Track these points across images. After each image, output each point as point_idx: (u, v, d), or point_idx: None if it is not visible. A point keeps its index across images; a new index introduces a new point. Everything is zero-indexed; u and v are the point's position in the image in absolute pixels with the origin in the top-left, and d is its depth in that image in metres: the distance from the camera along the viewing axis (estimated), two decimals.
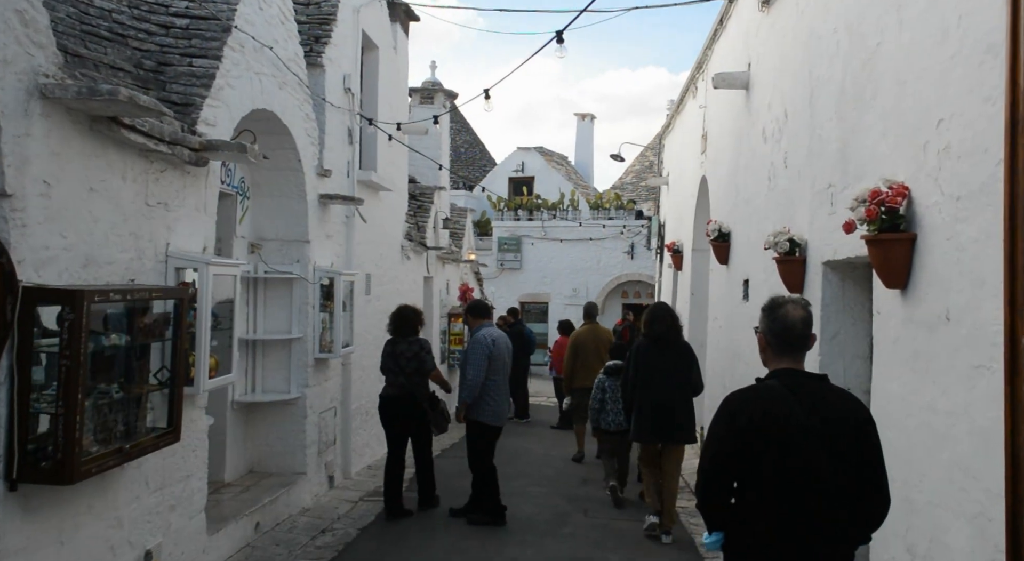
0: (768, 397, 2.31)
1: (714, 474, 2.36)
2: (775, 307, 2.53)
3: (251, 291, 5.90)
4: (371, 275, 7.70)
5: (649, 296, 18.71)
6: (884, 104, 3.61)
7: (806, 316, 2.50)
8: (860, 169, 3.86)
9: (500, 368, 5.64)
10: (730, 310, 7.14)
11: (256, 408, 5.95)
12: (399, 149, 8.71)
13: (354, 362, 7.20)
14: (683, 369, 5.57)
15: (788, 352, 2.43)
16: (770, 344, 2.47)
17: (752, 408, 2.31)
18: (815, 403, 2.30)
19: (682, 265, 10.76)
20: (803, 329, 2.45)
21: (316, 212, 6.13)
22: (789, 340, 2.44)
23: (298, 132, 5.70)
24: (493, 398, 5.60)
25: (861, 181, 3.84)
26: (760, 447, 2.27)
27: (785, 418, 2.27)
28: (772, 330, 2.49)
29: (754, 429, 2.27)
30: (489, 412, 5.62)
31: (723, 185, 7.71)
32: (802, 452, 2.25)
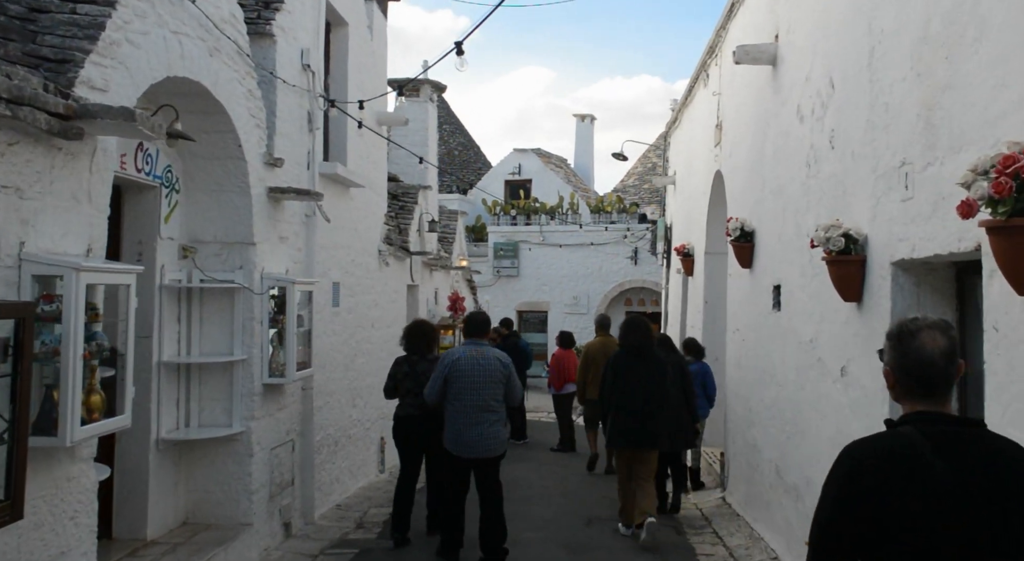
0: (902, 451, 1.74)
1: (827, 553, 1.78)
2: (906, 335, 1.83)
3: (183, 304, 4.89)
4: (340, 284, 6.70)
5: (654, 304, 17.69)
6: (996, 46, 2.62)
7: (948, 346, 1.79)
8: (959, 136, 2.85)
9: (465, 390, 4.93)
10: (756, 321, 6.13)
11: (190, 447, 4.93)
12: (375, 142, 7.72)
13: (317, 386, 6.18)
14: (657, 378, 5.70)
15: (926, 393, 1.81)
16: (900, 383, 1.84)
17: (881, 465, 1.74)
18: (968, 458, 1.73)
19: (693, 270, 9.76)
20: (945, 364, 1.79)
21: (264, 209, 5.13)
22: (927, 378, 1.80)
23: (237, 111, 4.71)
24: (454, 423, 4.97)
25: (960, 152, 2.84)
26: (893, 519, 1.70)
27: (927, 480, 1.70)
28: (904, 366, 1.82)
29: (884, 494, 1.71)
30: (450, 439, 5.00)
31: (744, 178, 6.72)
32: (953, 527, 1.69)
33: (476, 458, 4.93)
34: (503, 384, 4.96)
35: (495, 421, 4.96)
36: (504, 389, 4.97)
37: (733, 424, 6.96)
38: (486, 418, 4.91)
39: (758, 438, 5.96)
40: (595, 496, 7.19)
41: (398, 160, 10.58)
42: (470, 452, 4.92)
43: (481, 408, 4.90)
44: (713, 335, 8.79)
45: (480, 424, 4.89)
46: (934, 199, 3.05)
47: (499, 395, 4.97)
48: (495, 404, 4.95)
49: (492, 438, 4.94)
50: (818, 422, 4.46)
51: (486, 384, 4.91)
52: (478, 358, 4.95)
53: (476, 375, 4.91)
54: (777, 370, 5.42)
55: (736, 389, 6.90)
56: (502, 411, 5.03)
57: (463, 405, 4.91)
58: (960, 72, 2.84)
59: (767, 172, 5.82)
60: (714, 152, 8.27)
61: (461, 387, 4.91)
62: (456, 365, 4.95)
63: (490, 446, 4.94)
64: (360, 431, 7.31)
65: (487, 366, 4.94)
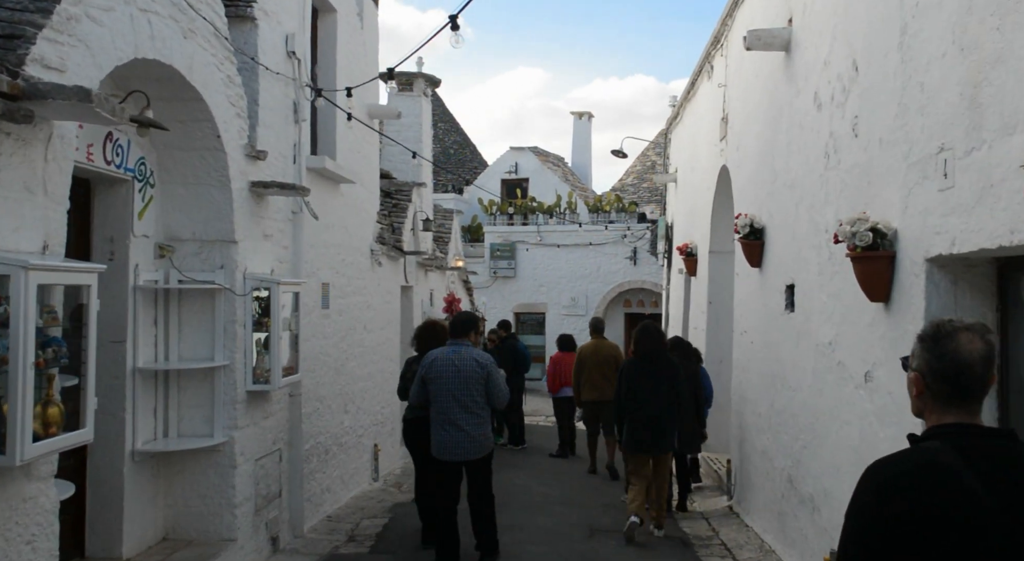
0: (933, 469, 1.58)
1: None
2: (942, 336, 1.68)
3: (160, 307, 4.58)
4: (330, 285, 6.39)
5: (654, 305, 17.41)
6: None
7: (987, 351, 1.65)
8: (1012, 115, 2.56)
9: (441, 393, 4.85)
10: (766, 323, 5.84)
11: (169, 459, 4.61)
12: (367, 136, 7.41)
13: (307, 392, 5.87)
14: (671, 384, 5.80)
15: (960, 401, 1.66)
16: (931, 389, 1.68)
17: (912, 486, 1.57)
18: (1007, 477, 1.57)
19: (696, 270, 9.46)
20: (983, 370, 1.66)
21: (246, 204, 4.82)
22: (964, 385, 1.65)
23: (215, 99, 4.39)
24: (434, 426, 4.91)
25: (1014, 133, 2.54)
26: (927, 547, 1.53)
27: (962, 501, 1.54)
28: (938, 370, 1.66)
29: (918, 520, 1.54)
30: (432, 443, 4.93)
31: (752, 172, 6.43)
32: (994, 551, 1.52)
33: (459, 461, 4.85)
34: (482, 384, 4.84)
35: (475, 423, 4.84)
36: (485, 389, 4.86)
37: (740, 429, 6.66)
38: (466, 420, 4.80)
39: (768, 445, 5.66)
40: (597, 504, 6.89)
41: (391, 157, 10.27)
42: (451, 455, 4.83)
43: (461, 409, 4.80)
44: (718, 337, 8.50)
45: (459, 426, 4.80)
46: (980, 187, 2.76)
47: (478, 397, 4.84)
48: (474, 406, 4.83)
49: (474, 440, 4.83)
50: (838, 430, 4.16)
51: (462, 386, 4.81)
52: (454, 359, 4.85)
53: (451, 377, 4.82)
54: (790, 374, 5.13)
55: (744, 393, 6.61)
56: (484, 413, 4.91)
57: (440, 407, 4.83)
58: (1015, 43, 2.55)
59: (779, 165, 5.53)
60: (719, 147, 7.98)
61: (437, 389, 4.83)
62: (431, 367, 4.87)
63: (470, 449, 4.84)
64: (353, 438, 7.00)
65: (462, 367, 4.82)
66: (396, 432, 8.49)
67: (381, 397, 7.92)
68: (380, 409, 7.88)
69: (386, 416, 8.08)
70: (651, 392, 5.71)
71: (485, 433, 4.92)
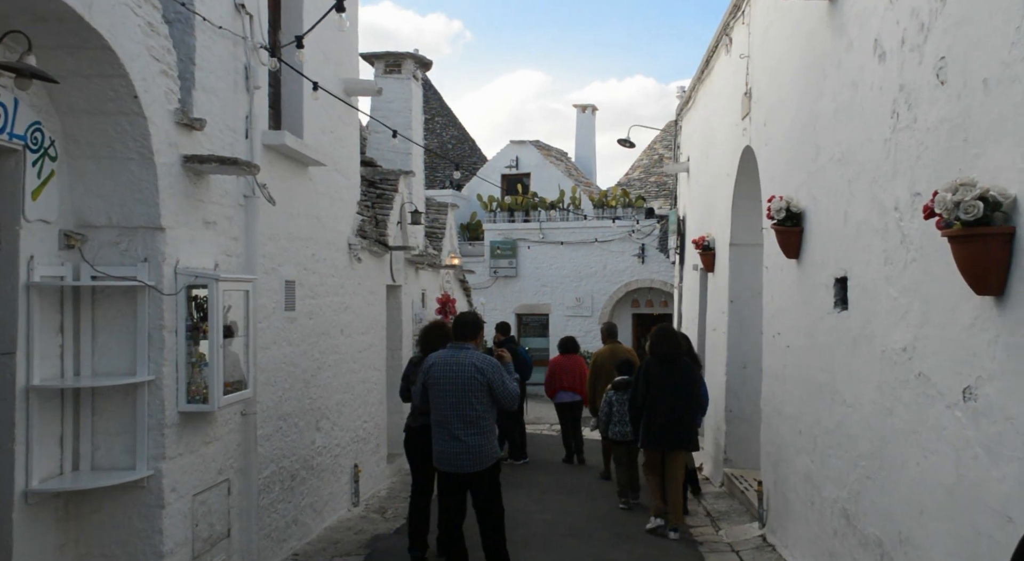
0: None
1: None
2: None
3: (67, 309, 3.70)
4: (296, 283, 5.50)
5: (664, 305, 16.50)
6: None
7: None
8: None
9: (440, 400, 4.54)
10: (808, 324, 4.94)
11: (80, 499, 3.73)
12: (343, 115, 6.54)
13: (266, 409, 4.99)
14: (687, 385, 6.01)
15: None
16: None
17: None
18: None
19: (714, 265, 8.56)
20: None
21: (178, 183, 3.94)
22: None
23: (130, 49, 3.52)
24: (433, 435, 4.62)
25: None
26: None
27: None
28: None
29: None
30: (434, 452, 4.64)
31: (785, 150, 5.53)
32: None
33: (461, 473, 4.53)
34: (484, 391, 4.50)
35: (475, 433, 4.49)
36: (488, 396, 4.52)
37: (775, 448, 5.76)
38: (464, 430, 4.47)
39: (813, 469, 4.76)
40: (608, 535, 5.98)
41: (378, 145, 9.42)
42: (452, 466, 4.53)
43: (459, 419, 4.47)
44: (742, 340, 7.61)
45: (458, 437, 4.48)
46: None
47: (479, 405, 4.48)
48: (473, 415, 4.48)
49: (474, 452, 4.49)
50: (920, 461, 3.26)
51: (460, 393, 4.48)
52: (452, 364, 4.53)
53: (448, 383, 4.51)
54: (844, 386, 4.22)
55: (779, 405, 5.70)
56: (484, 422, 4.53)
57: (440, 416, 4.54)
58: None
59: (824, 137, 4.63)
60: (741, 126, 7.09)
61: (436, 396, 4.55)
62: (430, 372, 4.59)
63: (472, 460, 4.49)
64: (327, 459, 6.11)
65: (460, 373, 4.49)
66: (382, 448, 7.60)
67: (363, 410, 7.04)
68: (362, 424, 6.99)
69: (369, 431, 7.19)
70: (669, 393, 5.87)
71: (486, 444, 4.54)
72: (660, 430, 5.88)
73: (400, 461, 8.22)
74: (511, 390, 4.55)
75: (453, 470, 4.51)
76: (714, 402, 8.19)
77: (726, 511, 6.56)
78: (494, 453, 4.58)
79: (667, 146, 18.74)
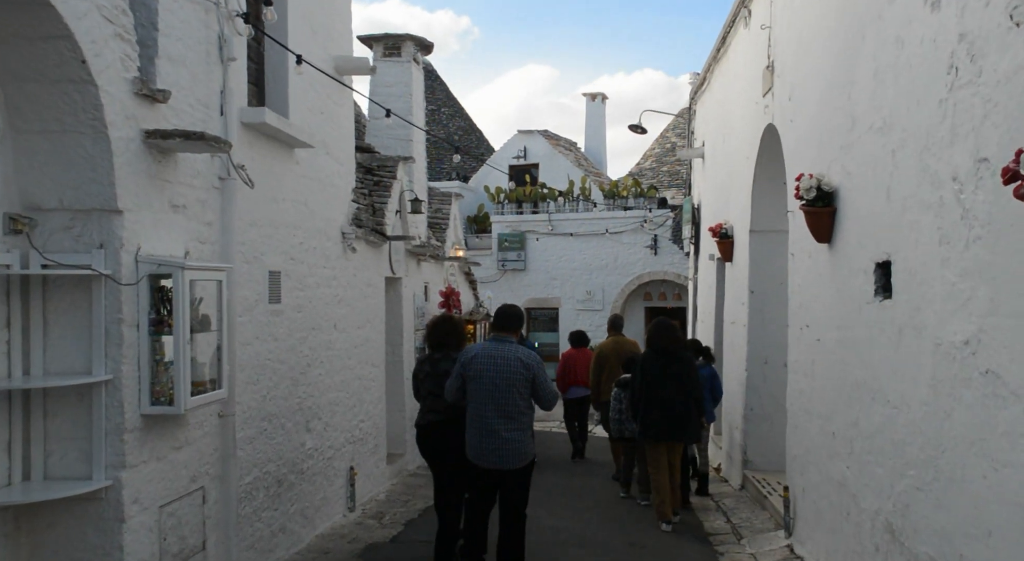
0: None
1: None
2: None
3: (14, 302, 3.30)
4: (281, 273, 5.09)
5: (677, 298, 16.02)
6: None
7: None
8: None
9: (480, 393, 4.43)
10: (842, 315, 4.47)
11: (32, 512, 3.34)
12: (335, 95, 6.11)
13: (248, 410, 4.58)
14: (685, 377, 5.97)
15: None
16: None
17: None
18: None
19: (733, 254, 8.09)
20: None
21: (138, 161, 3.53)
22: None
23: (75, 6, 3.10)
24: (470, 428, 4.51)
25: None
26: None
27: None
28: None
29: None
30: (468, 445, 4.54)
31: (815, 124, 5.06)
32: None
33: (494, 468, 4.44)
34: (526, 387, 4.43)
35: (514, 429, 4.39)
36: (530, 392, 4.46)
37: (803, 450, 5.30)
38: (503, 425, 4.37)
39: (850, 476, 4.30)
40: (622, 543, 5.55)
41: (377, 132, 9.00)
42: (487, 462, 4.44)
43: (498, 413, 4.38)
44: (763, 333, 7.14)
45: (496, 432, 4.38)
46: None
47: (520, 400, 4.42)
48: (514, 410, 4.40)
49: (511, 448, 4.39)
50: (988, 474, 2.80)
51: (503, 387, 4.39)
52: (496, 357, 4.44)
53: (491, 376, 4.41)
54: (888, 384, 3.76)
55: (807, 404, 5.24)
56: (524, 419, 4.46)
57: (478, 410, 4.44)
58: None
59: (860, 105, 4.16)
60: (762, 103, 6.61)
61: (476, 389, 4.44)
62: (471, 364, 4.48)
63: (508, 457, 4.39)
64: (319, 462, 5.71)
65: (505, 367, 4.40)
66: (380, 449, 7.20)
67: (360, 409, 6.63)
68: (358, 424, 6.59)
69: (366, 431, 6.78)
70: (667, 385, 5.87)
71: (524, 440, 4.46)
72: (660, 423, 5.90)
73: (401, 462, 7.82)
74: (552, 390, 4.52)
75: (488, 466, 4.42)
76: (733, 399, 7.76)
77: (748, 518, 6.11)
78: (531, 451, 4.49)
79: (679, 134, 18.22)
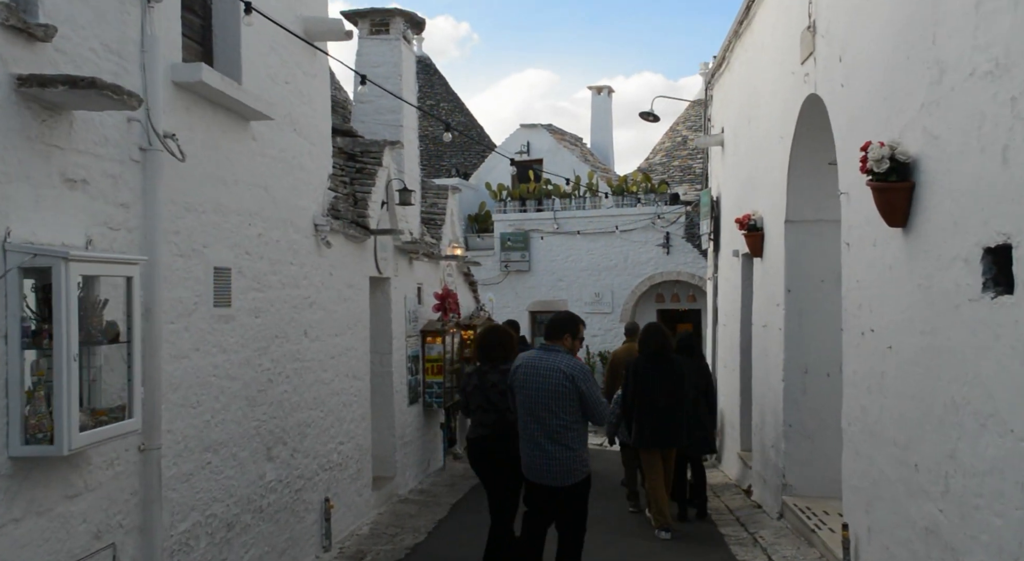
0: None
1: None
2: None
3: None
4: (232, 270, 4.19)
5: (691, 300, 15.08)
6: None
7: None
8: None
9: (523, 405, 4.31)
10: (929, 316, 3.55)
11: None
12: (304, 63, 5.22)
13: (183, 440, 3.68)
14: (677, 381, 5.98)
15: None
16: None
17: None
18: None
19: (763, 249, 7.17)
20: None
21: (7, 116, 2.64)
22: None
23: None
24: (519, 440, 4.37)
25: None
26: None
27: None
28: None
29: None
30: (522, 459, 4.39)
31: (881, 81, 4.14)
32: None
33: (544, 484, 4.27)
34: (571, 400, 4.19)
35: (559, 443, 4.17)
36: (577, 405, 4.20)
37: (868, 483, 4.37)
38: (547, 440, 4.20)
39: (944, 523, 3.37)
40: None
41: (364, 117, 8.10)
42: (535, 476, 4.30)
43: (541, 427, 4.21)
44: (802, 337, 6.23)
45: (541, 446, 4.22)
46: None
47: (564, 414, 4.18)
48: (557, 424, 4.18)
49: (557, 464, 4.19)
50: None
51: (544, 400, 4.21)
52: (539, 367, 4.27)
53: (532, 387, 4.26)
54: (1006, 408, 2.84)
55: (872, 426, 4.31)
56: (570, 433, 4.20)
57: (523, 422, 4.33)
58: None
59: (952, 46, 3.25)
60: (801, 72, 5.71)
61: (520, 401, 4.34)
62: (515, 374, 4.39)
63: (555, 473, 4.20)
64: (284, 496, 4.80)
65: (546, 377, 4.22)
66: (365, 474, 6.29)
67: (339, 429, 5.73)
68: (336, 447, 5.68)
69: (347, 455, 5.87)
70: (658, 390, 5.86)
71: (571, 456, 4.21)
72: (653, 429, 5.88)
73: (390, 486, 6.91)
74: (602, 403, 4.28)
75: (538, 481, 4.27)
76: (766, 413, 6.85)
77: (793, 557, 5.17)
78: (582, 467, 4.27)
79: (691, 127, 17.30)
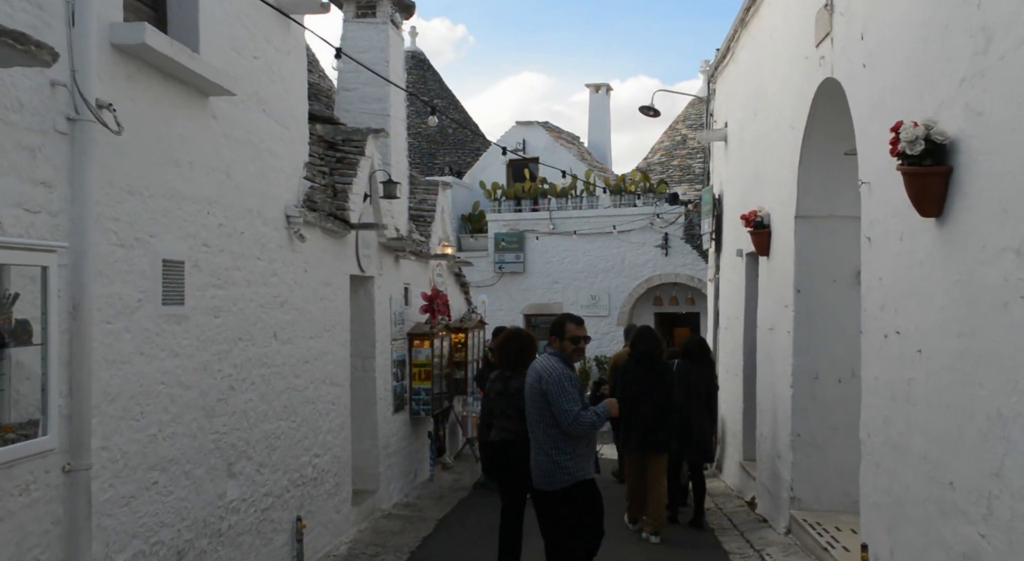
0: None
1: None
2: None
3: None
4: (185, 263, 3.74)
5: (690, 303, 14.66)
6: None
7: None
8: None
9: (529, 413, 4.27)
10: (968, 317, 3.12)
11: None
12: (277, 39, 4.79)
13: (123, 457, 3.23)
14: (666, 385, 5.96)
15: None
16: None
17: None
18: None
19: (769, 248, 6.75)
20: None
21: None
22: None
23: None
24: None
25: None
26: None
27: None
28: None
29: None
30: None
31: (913, 57, 3.72)
32: None
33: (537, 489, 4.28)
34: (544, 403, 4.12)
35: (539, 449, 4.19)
36: None
37: (892, 499, 3.93)
38: (535, 441, 4.24)
39: (988, 551, 2.94)
40: None
41: (348, 105, 7.66)
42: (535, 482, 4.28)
43: (532, 429, 4.26)
44: (812, 341, 5.82)
45: (536, 448, 4.25)
46: None
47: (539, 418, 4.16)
48: (535, 427, 4.21)
49: (537, 467, 4.21)
50: None
51: (527, 403, 4.28)
52: (534, 368, 4.31)
53: (527, 391, 4.30)
54: None
55: (896, 438, 3.88)
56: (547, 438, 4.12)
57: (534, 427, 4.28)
58: None
59: (1002, 12, 2.83)
60: (816, 55, 5.30)
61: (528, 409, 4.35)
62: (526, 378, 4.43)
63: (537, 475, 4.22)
64: (248, 517, 4.34)
65: (530, 382, 4.26)
66: (343, 488, 5.84)
67: (313, 441, 5.27)
68: (310, 460, 5.22)
69: (322, 468, 5.42)
70: (645, 393, 5.82)
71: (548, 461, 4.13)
72: (640, 432, 5.84)
73: (372, 501, 6.46)
74: (565, 410, 4.02)
75: (540, 487, 4.25)
76: (772, 422, 6.44)
77: None
78: (562, 475, 4.11)
79: (691, 125, 16.91)
